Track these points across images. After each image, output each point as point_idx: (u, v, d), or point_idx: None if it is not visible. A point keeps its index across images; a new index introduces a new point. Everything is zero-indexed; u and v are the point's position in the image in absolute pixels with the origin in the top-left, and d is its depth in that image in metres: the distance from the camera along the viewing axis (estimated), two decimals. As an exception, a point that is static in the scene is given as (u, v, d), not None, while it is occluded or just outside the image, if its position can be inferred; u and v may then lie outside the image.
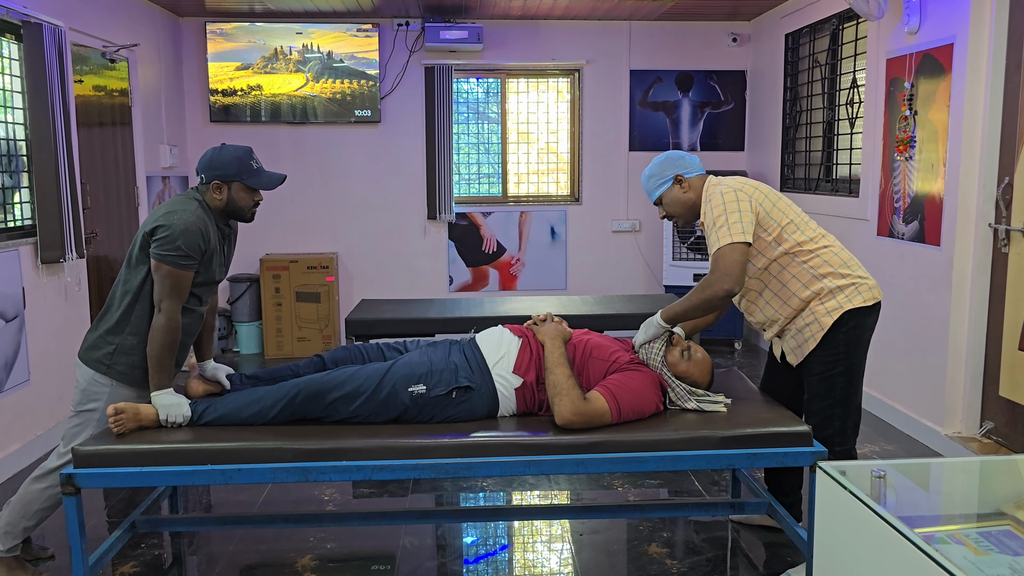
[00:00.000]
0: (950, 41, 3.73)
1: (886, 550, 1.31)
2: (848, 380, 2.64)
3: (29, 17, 3.82)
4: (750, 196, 2.59)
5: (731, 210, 2.54)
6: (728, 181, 2.66)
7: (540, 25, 6.15)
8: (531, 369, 2.58)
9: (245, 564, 2.89)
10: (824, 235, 2.69)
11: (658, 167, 2.74)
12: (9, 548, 2.66)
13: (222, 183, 2.57)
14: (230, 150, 2.59)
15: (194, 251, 2.48)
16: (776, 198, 2.66)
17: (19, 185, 3.99)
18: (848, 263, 2.65)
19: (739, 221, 2.52)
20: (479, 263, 6.41)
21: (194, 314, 2.62)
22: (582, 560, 2.90)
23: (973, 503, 1.58)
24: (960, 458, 3.36)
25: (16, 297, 3.78)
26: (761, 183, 2.71)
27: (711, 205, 2.59)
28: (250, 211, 2.64)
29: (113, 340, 2.55)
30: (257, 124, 6.07)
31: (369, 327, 4.19)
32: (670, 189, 2.72)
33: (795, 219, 2.65)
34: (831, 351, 2.61)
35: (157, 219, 2.49)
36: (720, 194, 2.59)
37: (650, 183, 2.76)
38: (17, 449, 3.76)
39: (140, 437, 2.43)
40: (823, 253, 2.63)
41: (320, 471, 2.37)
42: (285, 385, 2.55)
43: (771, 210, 2.62)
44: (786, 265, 2.62)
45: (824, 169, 5.26)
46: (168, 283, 2.46)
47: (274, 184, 2.62)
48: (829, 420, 2.65)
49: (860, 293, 2.60)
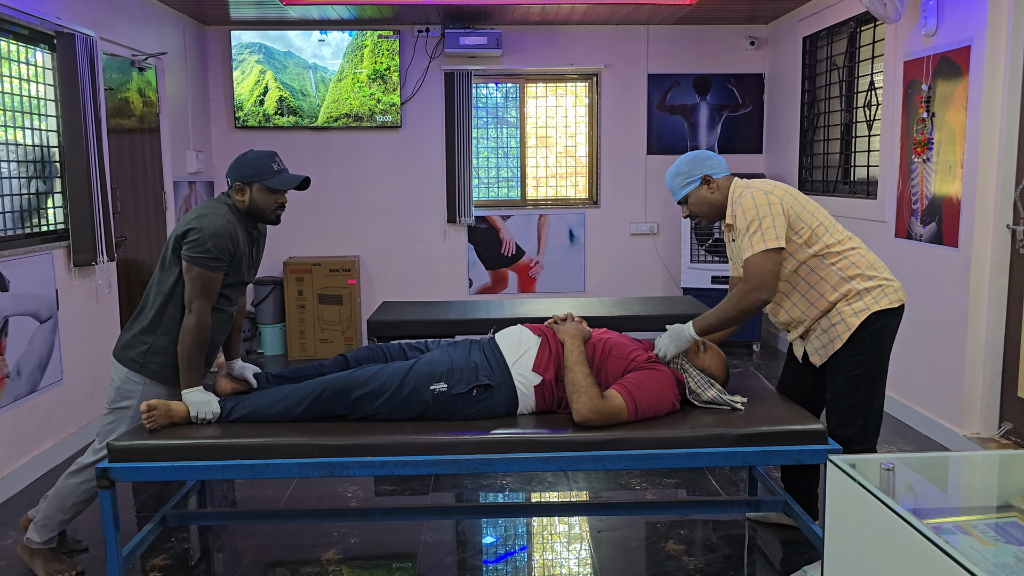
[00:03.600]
0: (967, 43, 3.75)
1: (895, 540, 1.36)
2: (872, 381, 2.66)
3: (63, 28, 3.93)
4: (781, 199, 2.60)
5: (763, 214, 2.55)
6: (757, 184, 2.68)
7: (558, 30, 6.22)
8: (550, 367, 2.64)
9: (271, 558, 2.97)
10: (851, 237, 2.71)
11: (686, 166, 2.74)
12: (46, 540, 2.76)
13: (243, 185, 2.65)
14: (253, 153, 2.68)
15: (223, 253, 2.56)
16: (805, 200, 2.68)
17: (52, 191, 4.11)
18: (875, 265, 2.67)
19: (772, 226, 2.54)
20: (498, 266, 6.48)
21: (224, 314, 2.71)
22: (600, 556, 2.95)
23: (981, 496, 1.62)
24: (969, 452, 3.37)
25: (50, 299, 3.89)
26: (789, 186, 2.73)
27: (743, 209, 2.60)
28: (273, 212, 2.71)
29: (147, 340, 2.65)
30: (280, 130, 6.18)
31: (391, 328, 4.26)
32: (697, 189, 2.72)
33: (824, 221, 2.67)
34: (856, 351, 2.63)
35: (189, 222, 2.58)
36: (751, 198, 2.60)
37: (676, 181, 2.75)
38: (51, 446, 3.87)
39: (171, 433, 2.52)
40: (851, 255, 2.65)
41: (344, 466, 2.45)
42: (311, 383, 2.63)
43: (801, 212, 2.63)
44: (815, 267, 2.64)
45: (842, 171, 5.28)
46: (198, 284, 2.55)
47: (291, 184, 2.68)
48: (851, 419, 2.67)
49: (887, 295, 2.63)
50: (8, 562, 2.95)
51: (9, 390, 3.57)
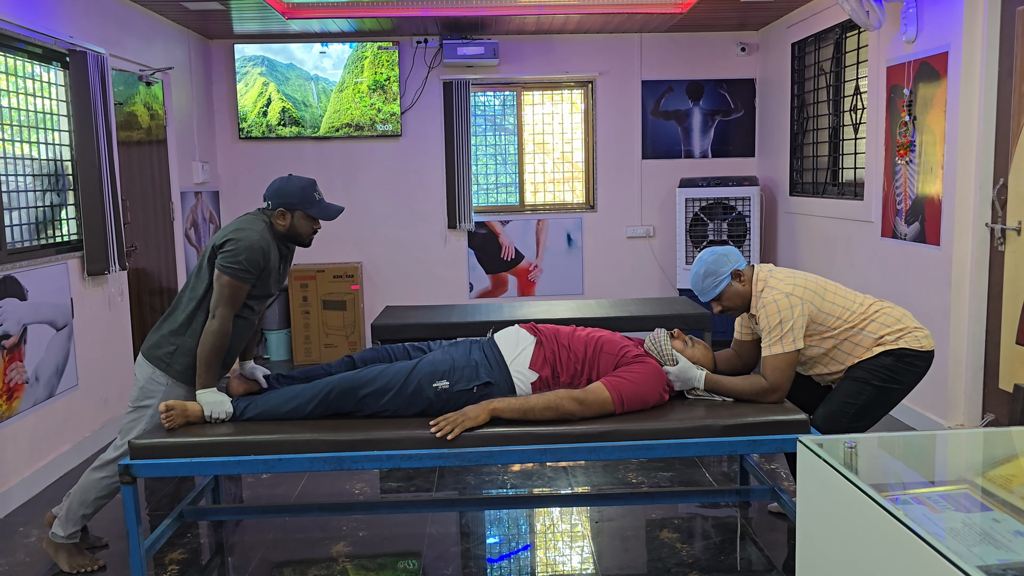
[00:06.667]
0: (945, 49, 3.90)
1: (856, 510, 1.50)
2: (876, 396, 2.78)
3: (75, 46, 4.09)
4: (802, 299, 2.74)
5: (786, 319, 2.70)
6: (779, 284, 2.77)
7: (554, 39, 6.37)
8: (546, 365, 2.78)
9: (283, 551, 3.11)
10: (874, 301, 2.85)
11: (714, 265, 2.83)
12: (70, 535, 2.90)
13: (286, 211, 2.82)
14: (296, 181, 2.83)
15: (254, 267, 2.73)
16: (823, 290, 2.81)
17: (66, 203, 4.26)
18: (902, 319, 2.82)
19: (792, 330, 2.70)
20: (498, 270, 6.62)
21: (246, 322, 2.88)
22: (599, 545, 3.09)
23: (936, 471, 1.76)
24: (928, 432, 3.53)
25: (65, 307, 4.04)
26: (807, 275, 2.84)
27: (767, 312, 2.74)
28: (308, 237, 2.89)
29: (175, 341, 2.81)
30: (283, 140, 6.34)
31: (394, 332, 4.40)
32: (730, 285, 2.83)
33: (844, 302, 2.81)
34: (877, 368, 2.77)
35: (227, 234, 2.75)
36: (775, 302, 2.73)
37: (707, 282, 2.83)
38: (68, 449, 4.02)
39: (189, 431, 2.66)
40: (878, 317, 2.80)
41: (354, 460, 2.58)
42: (319, 383, 2.77)
43: (822, 305, 2.77)
44: (849, 338, 2.80)
45: (831, 173, 5.43)
46: (226, 292, 2.71)
47: (333, 216, 2.86)
48: (839, 417, 2.78)
49: (918, 340, 2.78)
50: (32, 558, 3.09)
51: (28, 395, 3.71)
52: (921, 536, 1.29)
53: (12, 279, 3.61)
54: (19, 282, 3.66)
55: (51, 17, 3.99)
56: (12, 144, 3.81)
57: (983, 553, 1.30)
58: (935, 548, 1.24)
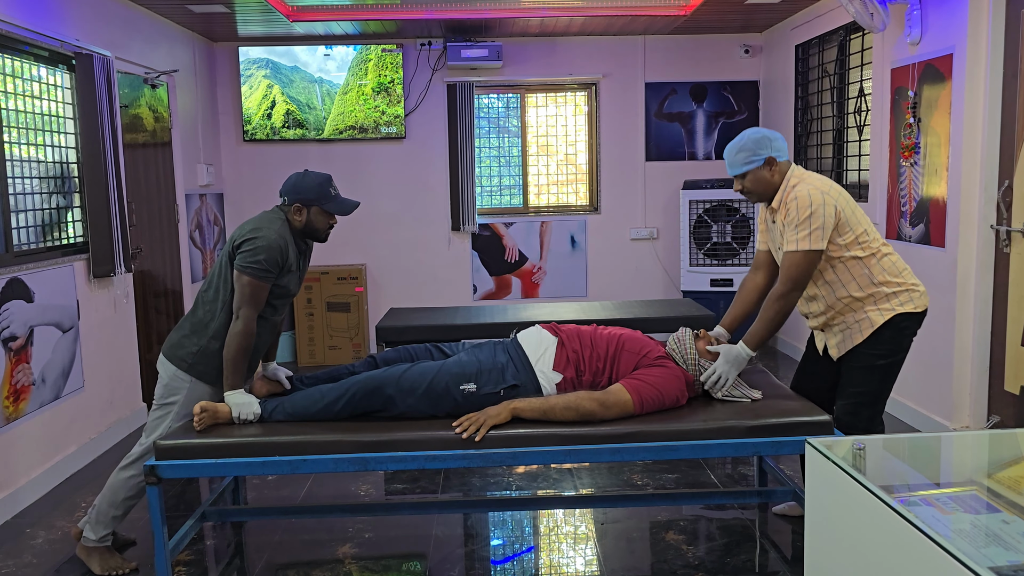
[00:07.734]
0: (950, 51, 3.90)
1: (865, 511, 1.50)
2: (885, 375, 2.78)
3: (81, 49, 4.10)
4: (836, 201, 2.69)
5: (816, 215, 2.64)
6: (815, 180, 2.73)
7: (557, 42, 6.38)
8: (569, 366, 2.79)
9: (289, 552, 3.12)
10: (885, 243, 2.83)
11: (752, 143, 2.76)
12: (101, 537, 2.91)
13: (303, 206, 2.82)
14: (312, 176, 2.85)
15: (273, 266, 2.73)
16: (854, 205, 2.78)
17: (72, 205, 4.27)
18: (903, 272, 2.80)
19: (820, 228, 2.64)
20: (502, 272, 6.63)
21: (269, 323, 2.88)
22: (604, 547, 3.09)
23: (944, 472, 1.76)
24: (935, 433, 3.52)
25: (71, 309, 4.05)
26: (841, 187, 2.80)
27: (798, 203, 2.67)
28: (324, 232, 2.90)
29: (198, 342, 2.82)
30: (288, 142, 6.35)
31: (398, 334, 4.40)
32: (759, 168, 2.77)
33: (867, 228, 2.78)
34: (877, 346, 2.76)
35: (245, 233, 2.75)
36: (808, 195, 2.67)
37: (739, 157, 2.76)
38: (74, 451, 4.03)
39: (214, 432, 2.67)
40: (883, 260, 2.78)
41: (378, 461, 2.58)
42: (345, 382, 2.77)
43: (850, 217, 2.73)
44: (849, 267, 2.76)
45: (835, 175, 5.43)
46: (247, 292, 2.72)
47: (349, 210, 2.87)
48: (860, 408, 2.78)
49: (912, 300, 2.76)
50: (39, 559, 3.10)
51: (35, 397, 3.72)
52: (931, 537, 1.29)
53: (19, 281, 3.63)
54: (26, 284, 3.68)
55: (57, 20, 4.01)
56: (19, 147, 3.83)
57: (993, 554, 1.31)
58: (946, 549, 1.24)
